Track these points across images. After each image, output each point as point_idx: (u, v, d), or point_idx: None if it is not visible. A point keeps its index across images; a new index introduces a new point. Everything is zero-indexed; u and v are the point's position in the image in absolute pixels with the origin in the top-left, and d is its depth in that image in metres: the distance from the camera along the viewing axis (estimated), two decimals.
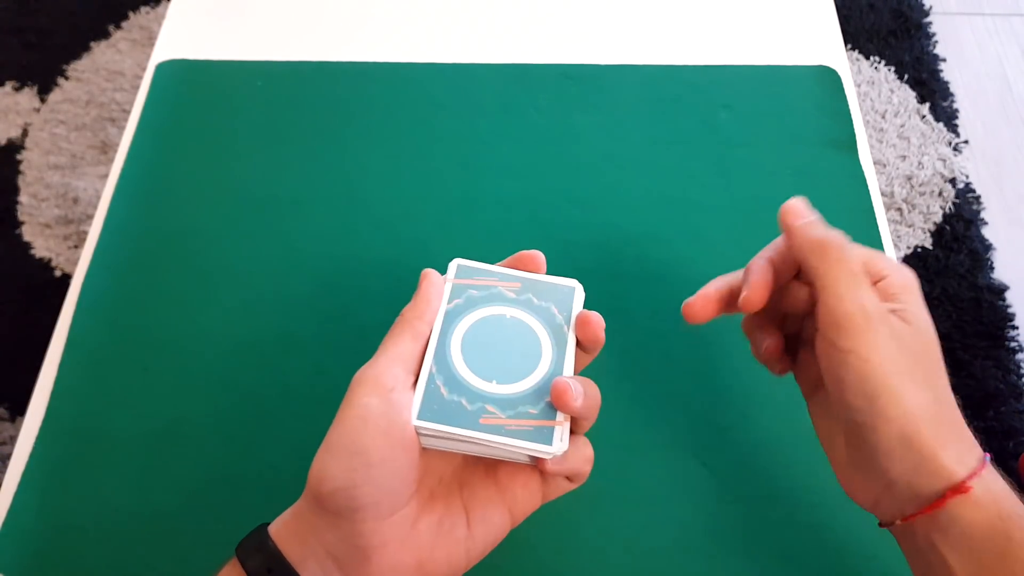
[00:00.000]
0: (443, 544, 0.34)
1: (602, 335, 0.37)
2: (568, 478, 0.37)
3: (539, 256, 0.39)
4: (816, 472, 0.42)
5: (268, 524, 0.35)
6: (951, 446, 0.32)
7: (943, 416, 0.33)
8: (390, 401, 0.32)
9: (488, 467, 0.36)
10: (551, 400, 0.33)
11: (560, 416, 0.33)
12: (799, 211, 0.37)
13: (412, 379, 0.34)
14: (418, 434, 0.33)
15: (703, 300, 0.39)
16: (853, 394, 0.32)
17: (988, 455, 0.33)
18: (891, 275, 0.35)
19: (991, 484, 0.32)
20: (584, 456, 0.35)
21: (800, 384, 0.39)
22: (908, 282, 0.35)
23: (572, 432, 0.34)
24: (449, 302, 0.36)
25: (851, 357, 0.32)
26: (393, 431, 0.32)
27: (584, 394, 0.34)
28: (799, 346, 0.40)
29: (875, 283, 0.35)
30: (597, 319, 0.37)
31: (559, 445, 0.33)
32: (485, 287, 0.37)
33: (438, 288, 0.37)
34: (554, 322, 0.37)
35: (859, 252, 0.36)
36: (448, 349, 0.35)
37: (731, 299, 0.39)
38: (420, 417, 0.32)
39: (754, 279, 0.37)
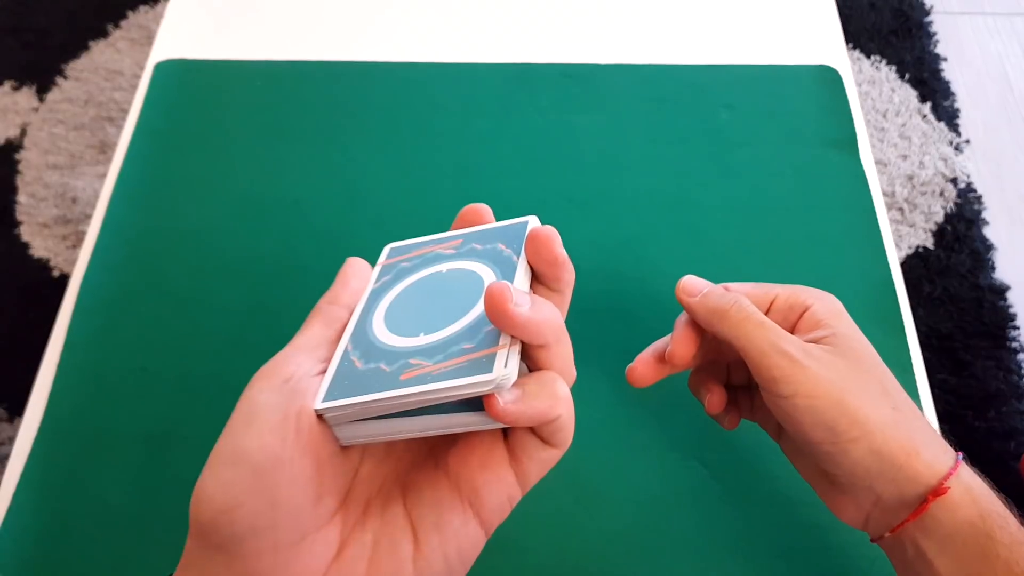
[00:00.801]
0: (382, 571, 0.25)
1: (558, 251, 0.28)
2: (541, 437, 0.27)
3: (484, 208, 0.33)
4: None
5: None
6: (923, 450, 0.32)
7: (906, 422, 0.33)
8: (285, 391, 0.25)
9: (437, 458, 0.28)
10: (487, 313, 0.25)
11: (503, 339, 0.25)
12: (690, 288, 0.38)
13: (321, 367, 0.27)
14: (331, 427, 0.25)
15: (643, 364, 0.39)
16: (813, 430, 0.33)
17: (960, 454, 0.33)
18: (813, 304, 0.36)
19: (969, 483, 0.32)
20: (550, 392, 0.25)
21: (765, 429, 0.40)
22: (831, 306, 0.36)
23: (532, 364, 0.27)
24: (377, 281, 0.30)
25: (797, 400, 0.33)
26: (287, 426, 0.24)
27: (532, 305, 0.25)
28: (753, 394, 0.40)
29: (800, 316, 0.36)
30: (548, 232, 0.28)
31: (501, 370, 0.24)
32: (419, 256, 0.31)
33: (357, 271, 0.31)
34: (500, 257, 0.29)
35: (767, 296, 0.37)
36: (369, 324, 0.28)
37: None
38: (326, 399, 0.25)
39: (676, 335, 0.38)
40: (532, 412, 0.25)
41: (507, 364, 0.24)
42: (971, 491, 0.32)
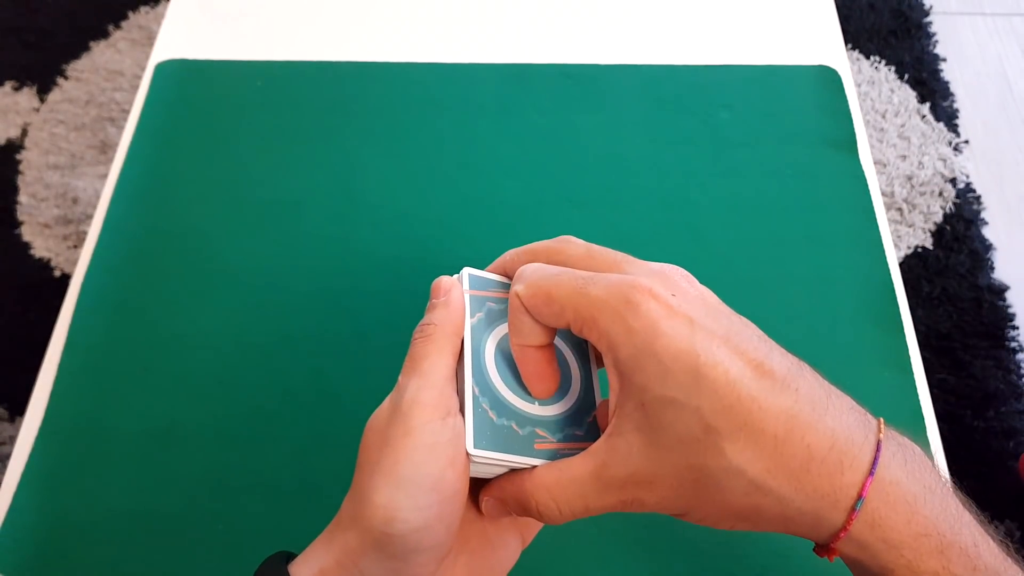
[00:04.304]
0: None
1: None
2: None
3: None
4: None
5: (285, 560, 0.29)
6: (817, 478, 0.25)
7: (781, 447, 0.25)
8: (452, 427, 0.28)
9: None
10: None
11: None
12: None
13: (458, 401, 0.30)
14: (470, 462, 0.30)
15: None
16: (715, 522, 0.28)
17: (880, 428, 0.26)
18: (599, 341, 0.28)
19: (876, 511, 0.25)
20: None
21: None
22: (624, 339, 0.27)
23: None
24: (472, 316, 0.32)
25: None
26: (459, 461, 0.28)
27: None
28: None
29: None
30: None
31: None
32: (498, 300, 0.33)
33: (462, 298, 0.32)
34: (571, 335, 0.33)
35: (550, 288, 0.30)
36: (485, 369, 0.31)
37: None
38: (476, 446, 0.29)
39: (532, 372, 0.32)
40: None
41: None
42: (875, 527, 0.25)
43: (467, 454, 0.29)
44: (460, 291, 0.32)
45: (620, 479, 0.27)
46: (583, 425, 0.31)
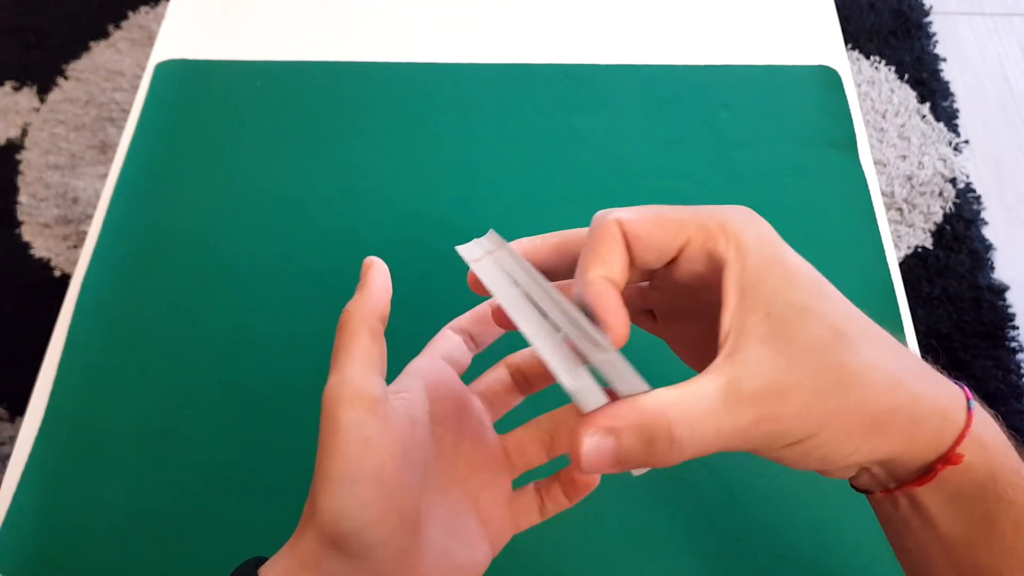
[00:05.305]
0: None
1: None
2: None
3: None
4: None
5: (255, 564, 0.29)
6: (925, 418, 0.26)
7: (892, 387, 0.26)
8: (383, 417, 0.27)
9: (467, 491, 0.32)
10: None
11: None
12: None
13: (383, 384, 0.29)
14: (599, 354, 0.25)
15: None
16: (800, 462, 0.27)
17: (970, 398, 0.28)
18: (729, 262, 0.26)
19: (981, 436, 0.27)
20: None
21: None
22: (750, 247, 0.27)
23: None
24: (514, 285, 0.29)
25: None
26: (397, 450, 0.27)
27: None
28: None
29: (719, 278, 0.27)
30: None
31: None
32: (530, 283, 0.29)
33: (386, 277, 0.31)
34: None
35: (675, 238, 0.27)
36: (554, 304, 0.27)
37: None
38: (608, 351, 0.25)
39: (606, 307, 0.27)
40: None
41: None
42: (984, 449, 0.27)
43: (600, 346, 0.25)
44: (377, 270, 0.30)
45: (754, 391, 0.24)
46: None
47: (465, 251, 0.30)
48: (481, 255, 0.30)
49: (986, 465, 0.27)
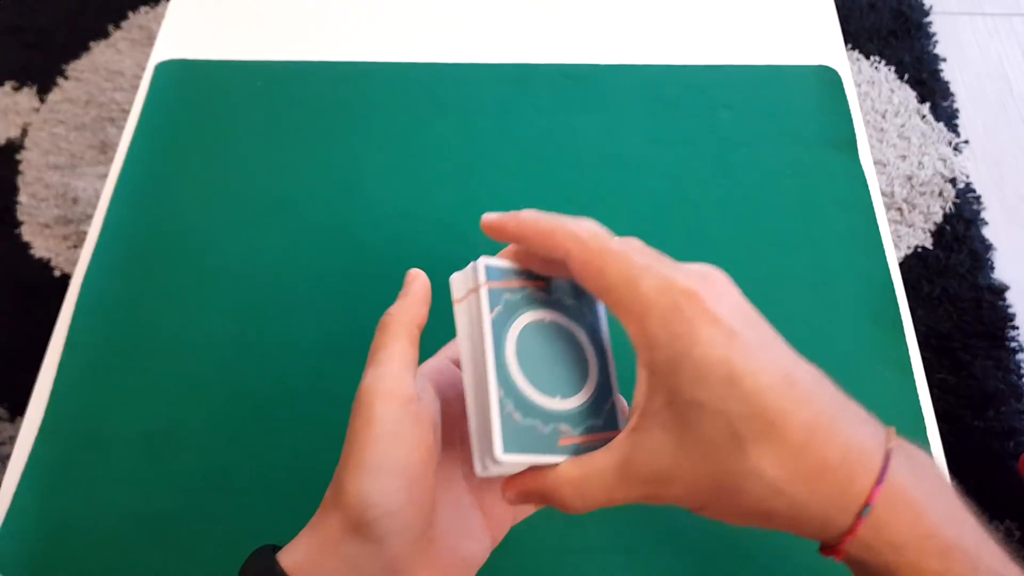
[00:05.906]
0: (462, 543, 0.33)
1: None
2: None
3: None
4: None
5: (271, 549, 0.31)
6: (839, 477, 0.26)
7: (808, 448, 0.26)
8: (413, 413, 0.30)
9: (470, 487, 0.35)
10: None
11: (621, 423, 0.32)
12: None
13: (421, 385, 0.32)
14: (492, 465, 0.30)
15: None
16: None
17: (891, 438, 0.27)
18: (633, 329, 0.28)
19: (886, 515, 0.25)
20: None
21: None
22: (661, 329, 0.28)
23: None
24: (491, 310, 0.32)
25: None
26: (423, 444, 0.30)
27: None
28: None
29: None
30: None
31: None
32: (519, 290, 0.33)
33: (427, 290, 0.34)
34: (585, 320, 0.34)
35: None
36: (508, 368, 0.31)
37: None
38: (506, 451, 0.29)
39: None
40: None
41: None
42: (881, 529, 0.26)
43: (495, 459, 0.29)
44: (421, 283, 0.33)
45: (643, 475, 0.28)
46: (602, 414, 0.32)
47: (455, 283, 0.33)
48: (465, 293, 0.32)
49: (887, 543, 0.26)
